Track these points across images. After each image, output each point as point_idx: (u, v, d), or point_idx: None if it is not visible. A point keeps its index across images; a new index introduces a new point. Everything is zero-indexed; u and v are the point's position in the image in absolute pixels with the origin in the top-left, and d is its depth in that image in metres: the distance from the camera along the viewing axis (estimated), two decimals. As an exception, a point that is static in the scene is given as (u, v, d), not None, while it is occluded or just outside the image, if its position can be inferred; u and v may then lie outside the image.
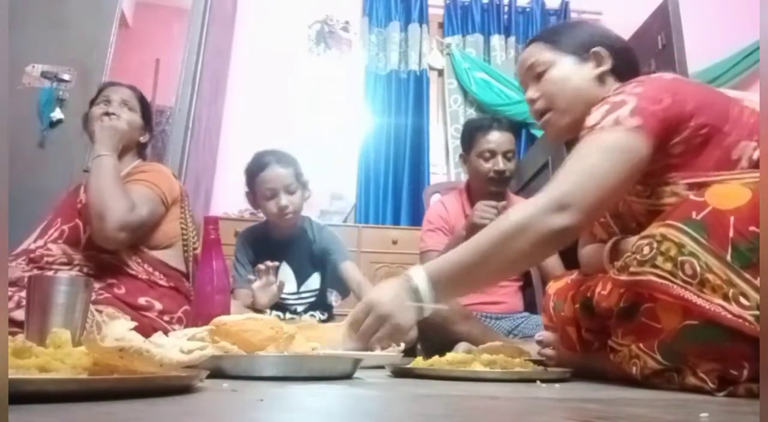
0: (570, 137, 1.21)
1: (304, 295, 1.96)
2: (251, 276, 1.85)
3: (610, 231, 1.19)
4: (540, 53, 1.20)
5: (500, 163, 2.03)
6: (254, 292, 1.77)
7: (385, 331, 1.02)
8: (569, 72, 1.17)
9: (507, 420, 0.57)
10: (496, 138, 2.04)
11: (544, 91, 1.19)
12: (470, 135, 2.12)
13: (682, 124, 0.98)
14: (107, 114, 1.69)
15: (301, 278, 1.95)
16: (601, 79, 1.16)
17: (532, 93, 1.21)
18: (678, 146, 0.99)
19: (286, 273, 1.93)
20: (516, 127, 2.09)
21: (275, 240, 1.96)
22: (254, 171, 1.92)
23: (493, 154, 2.04)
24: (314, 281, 1.97)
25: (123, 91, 1.76)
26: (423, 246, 2.12)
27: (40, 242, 1.61)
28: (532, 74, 1.21)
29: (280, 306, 1.93)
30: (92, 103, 1.77)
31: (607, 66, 1.16)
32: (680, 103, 0.99)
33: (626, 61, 1.19)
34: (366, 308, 1.03)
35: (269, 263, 1.74)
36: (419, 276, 1.01)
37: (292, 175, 1.91)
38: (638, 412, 0.64)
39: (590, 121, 1.02)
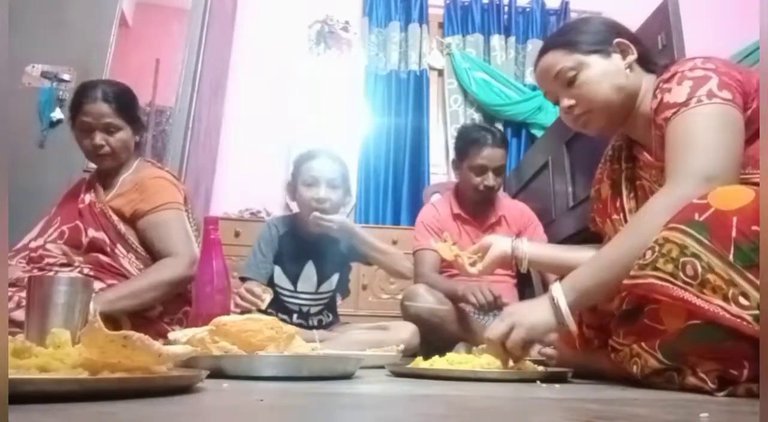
0: (612, 130, 1.20)
1: (321, 296, 1.95)
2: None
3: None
4: (563, 60, 1.15)
5: (490, 179, 2.12)
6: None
7: (517, 334, 1.01)
8: (601, 70, 1.12)
9: (507, 420, 0.57)
10: (489, 154, 2.12)
11: (581, 95, 1.14)
12: (465, 146, 2.18)
13: (746, 104, 0.97)
14: (96, 146, 1.60)
15: (321, 279, 1.93)
16: (630, 67, 1.14)
17: (567, 101, 1.15)
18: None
19: (309, 272, 1.91)
20: (506, 128, 2.20)
21: (303, 238, 1.92)
22: (303, 158, 1.91)
23: (484, 169, 2.12)
24: (331, 283, 1.96)
25: (101, 110, 1.59)
26: (416, 245, 2.21)
27: (40, 241, 1.60)
28: (562, 82, 1.15)
29: (292, 307, 1.92)
30: (72, 112, 1.64)
31: (634, 55, 1.14)
32: (747, 79, 0.98)
33: (644, 47, 1.18)
34: (502, 317, 1.05)
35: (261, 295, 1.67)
36: (557, 289, 1.00)
37: (339, 172, 1.88)
38: (638, 412, 0.63)
39: (676, 96, 0.99)
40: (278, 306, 1.91)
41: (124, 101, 1.65)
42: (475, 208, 2.24)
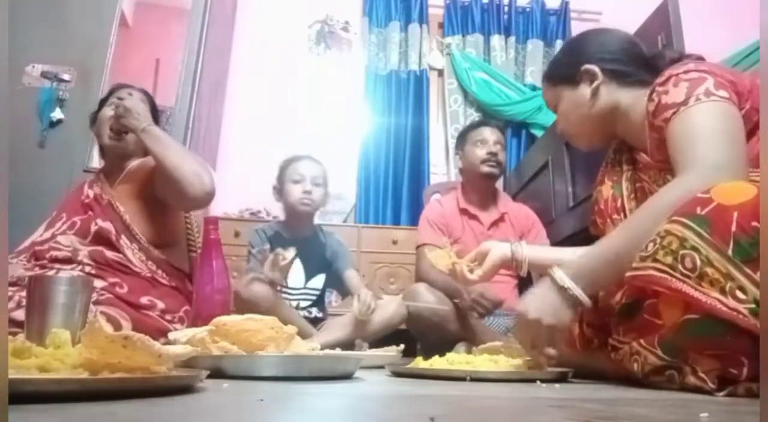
0: (602, 145, 1.31)
1: (308, 292, 2.03)
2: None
3: None
4: (547, 92, 1.31)
5: (492, 148, 2.26)
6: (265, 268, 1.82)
7: (542, 335, 1.01)
8: (569, 102, 1.23)
9: (507, 420, 0.57)
10: (487, 131, 2.31)
11: (561, 123, 1.30)
12: (463, 133, 2.40)
13: (740, 104, 0.98)
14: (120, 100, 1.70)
15: (308, 276, 2.04)
16: (596, 91, 1.18)
17: (559, 125, 1.33)
18: None
19: (297, 268, 2.01)
20: (506, 128, 2.36)
21: (290, 239, 2.05)
22: (288, 161, 2.15)
23: (485, 141, 2.27)
24: (319, 281, 2.05)
25: (136, 93, 1.76)
26: (420, 240, 2.23)
27: (47, 235, 1.62)
28: (552, 110, 1.32)
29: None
30: (102, 103, 1.77)
31: (598, 80, 1.18)
32: (740, 81, 0.99)
33: (621, 63, 1.19)
34: (520, 320, 1.04)
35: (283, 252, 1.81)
36: (557, 272, 0.99)
37: (321, 171, 2.11)
38: (638, 412, 0.63)
39: (674, 97, 1.00)
40: None
41: (152, 103, 1.80)
42: (481, 200, 2.29)
